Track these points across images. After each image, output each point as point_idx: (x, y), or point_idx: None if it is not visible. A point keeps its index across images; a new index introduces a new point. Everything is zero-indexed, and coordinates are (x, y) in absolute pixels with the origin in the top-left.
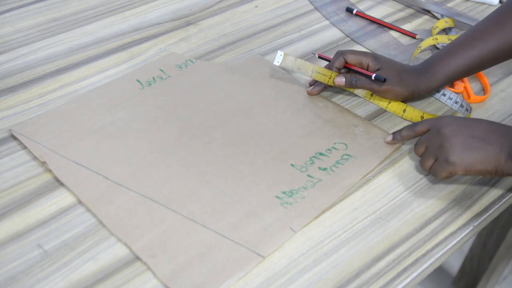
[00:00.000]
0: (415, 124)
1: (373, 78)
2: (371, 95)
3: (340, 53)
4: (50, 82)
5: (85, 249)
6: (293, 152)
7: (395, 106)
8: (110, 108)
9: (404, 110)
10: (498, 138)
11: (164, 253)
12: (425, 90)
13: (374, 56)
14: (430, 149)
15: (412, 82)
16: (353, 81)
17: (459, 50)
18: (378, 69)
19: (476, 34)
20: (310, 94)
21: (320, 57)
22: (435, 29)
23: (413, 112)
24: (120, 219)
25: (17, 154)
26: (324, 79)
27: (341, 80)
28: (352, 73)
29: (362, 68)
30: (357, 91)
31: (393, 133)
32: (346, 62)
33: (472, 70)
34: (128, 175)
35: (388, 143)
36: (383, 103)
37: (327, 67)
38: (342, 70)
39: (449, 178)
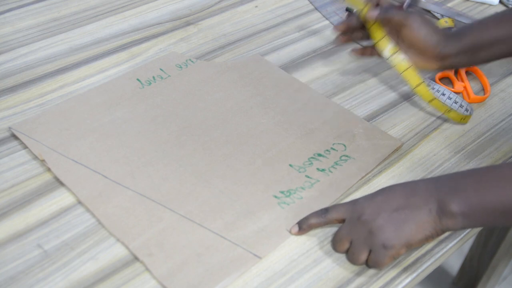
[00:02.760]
0: (325, 211)
1: (405, 6)
2: (394, 53)
3: None
4: (50, 82)
5: (85, 249)
6: (292, 152)
7: (411, 75)
8: (109, 107)
9: (418, 85)
10: (422, 199)
11: (161, 252)
12: (449, 52)
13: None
14: (358, 241)
15: (440, 36)
16: (386, 11)
17: (494, 22)
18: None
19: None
20: (339, 41)
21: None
22: None
23: (426, 92)
24: (118, 218)
25: (17, 154)
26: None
27: (373, 14)
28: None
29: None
30: (384, 47)
31: (299, 222)
32: None
33: (498, 51)
34: (126, 174)
35: (293, 233)
36: (401, 67)
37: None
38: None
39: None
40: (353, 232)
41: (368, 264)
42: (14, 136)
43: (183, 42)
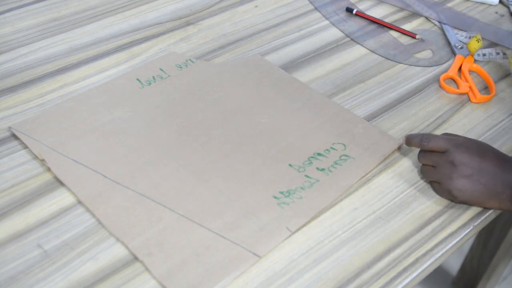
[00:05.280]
0: (428, 139)
1: None
2: None
3: None
4: (50, 82)
5: (85, 249)
6: (292, 152)
7: None
8: (109, 107)
9: None
10: (503, 177)
11: (160, 252)
12: None
13: None
14: (437, 172)
15: None
16: None
17: None
18: None
19: None
20: None
21: None
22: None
23: None
24: (117, 218)
25: (17, 154)
26: None
27: None
28: None
29: None
30: None
31: (407, 136)
32: None
33: None
34: (126, 173)
35: (401, 143)
36: None
37: None
38: None
39: None
40: (440, 163)
41: (431, 184)
42: (14, 136)
43: (183, 42)
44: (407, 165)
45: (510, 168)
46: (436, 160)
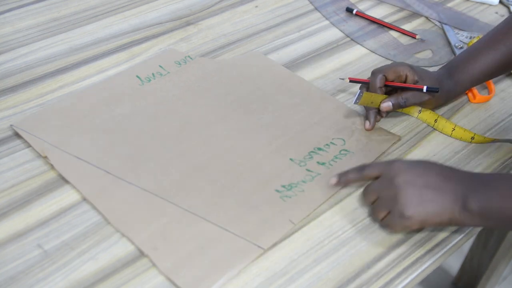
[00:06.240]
0: (363, 167)
1: (425, 90)
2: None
3: (377, 71)
4: (50, 82)
5: (85, 249)
6: (292, 146)
7: (427, 115)
8: (110, 104)
9: (436, 120)
10: (451, 187)
11: (165, 246)
12: (452, 95)
13: (409, 66)
14: (382, 200)
15: (444, 88)
16: (401, 103)
17: (482, 53)
18: (416, 81)
19: (498, 37)
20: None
21: (351, 81)
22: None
23: (444, 124)
24: (122, 213)
25: (17, 154)
26: (376, 104)
27: (388, 105)
28: (398, 93)
29: (401, 81)
30: (412, 113)
31: (339, 174)
32: (386, 80)
33: (495, 73)
34: (129, 169)
35: (331, 184)
36: (414, 112)
37: (370, 89)
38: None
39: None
40: (381, 190)
41: (382, 222)
42: (14, 136)
43: (183, 42)
44: None
45: (455, 176)
46: (378, 187)
